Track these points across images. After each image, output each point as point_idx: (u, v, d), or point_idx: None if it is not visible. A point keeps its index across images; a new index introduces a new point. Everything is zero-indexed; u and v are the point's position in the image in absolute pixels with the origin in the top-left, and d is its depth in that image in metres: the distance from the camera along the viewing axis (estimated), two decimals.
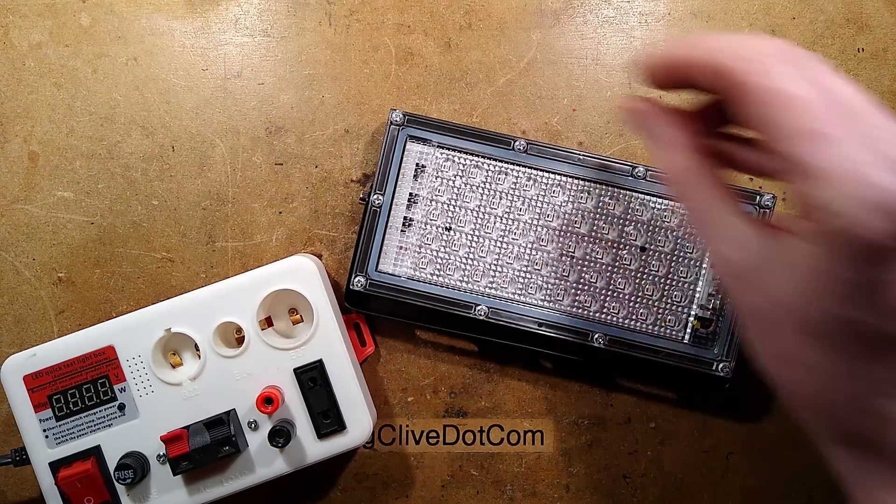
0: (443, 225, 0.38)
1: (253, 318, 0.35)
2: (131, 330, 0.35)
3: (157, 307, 0.36)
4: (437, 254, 0.38)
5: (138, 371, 0.35)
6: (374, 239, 0.37)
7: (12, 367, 0.35)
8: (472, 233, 0.38)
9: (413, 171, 0.38)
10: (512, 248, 0.38)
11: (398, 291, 0.37)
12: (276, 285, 0.35)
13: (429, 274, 0.37)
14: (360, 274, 0.37)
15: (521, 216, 0.38)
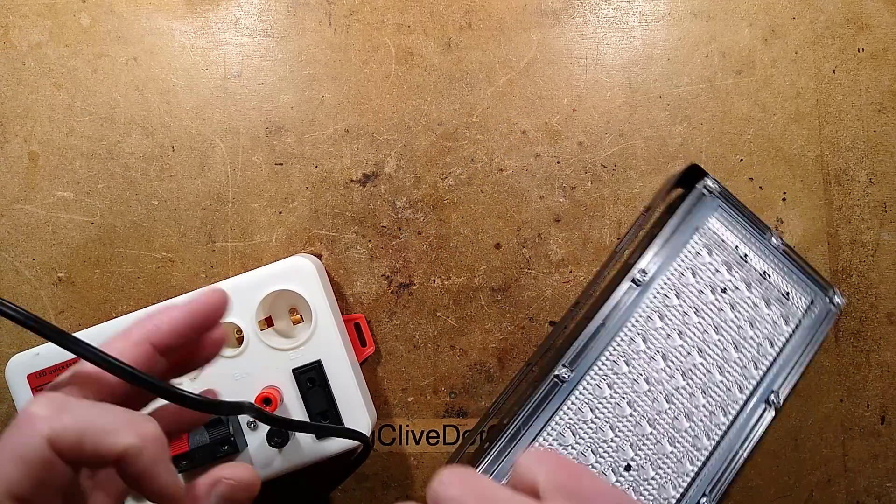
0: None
1: (252, 319, 0.35)
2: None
3: (157, 307, 0.36)
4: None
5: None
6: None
7: (16, 366, 0.35)
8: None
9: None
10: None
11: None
12: (275, 286, 0.35)
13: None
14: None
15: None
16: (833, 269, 0.42)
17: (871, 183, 0.42)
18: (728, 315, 0.38)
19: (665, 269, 0.38)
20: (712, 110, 0.42)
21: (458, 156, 0.41)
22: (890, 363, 0.42)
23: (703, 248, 0.38)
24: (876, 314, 0.42)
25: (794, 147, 0.42)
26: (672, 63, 0.42)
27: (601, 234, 0.42)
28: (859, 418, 0.42)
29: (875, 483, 0.42)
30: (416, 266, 0.41)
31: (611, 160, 0.42)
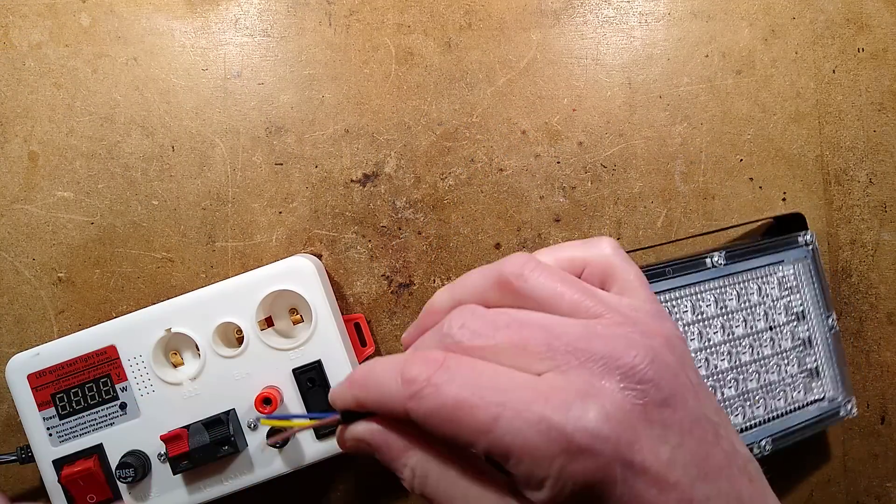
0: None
1: (252, 319, 0.35)
2: (132, 330, 0.35)
3: (157, 307, 0.36)
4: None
5: (139, 371, 0.35)
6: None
7: (17, 366, 0.35)
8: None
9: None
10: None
11: None
12: (275, 286, 0.35)
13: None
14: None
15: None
16: (833, 269, 0.42)
17: (871, 183, 0.42)
18: (766, 351, 0.38)
19: (739, 269, 0.38)
20: (712, 110, 0.42)
21: (458, 156, 0.41)
22: (890, 363, 0.42)
23: (776, 281, 0.39)
24: (876, 314, 0.42)
25: (794, 147, 0.42)
26: (672, 63, 0.42)
27: (601, 233, 0.42)
28: (859, 418, 0.42)
29: (875, 483, 0.42)
30: (416, 266, 0.41)
31: (611, 160, 0.42)
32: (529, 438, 0.18)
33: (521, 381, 0.19)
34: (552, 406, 0.18)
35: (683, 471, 0.18)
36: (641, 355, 0.19)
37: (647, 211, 0.42)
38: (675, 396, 0.19)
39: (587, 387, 0.19)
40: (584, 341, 0.20)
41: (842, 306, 0.42)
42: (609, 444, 0.18)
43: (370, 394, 0.22)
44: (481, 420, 0.19)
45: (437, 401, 0.20)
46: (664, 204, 0.42)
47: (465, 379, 0.20)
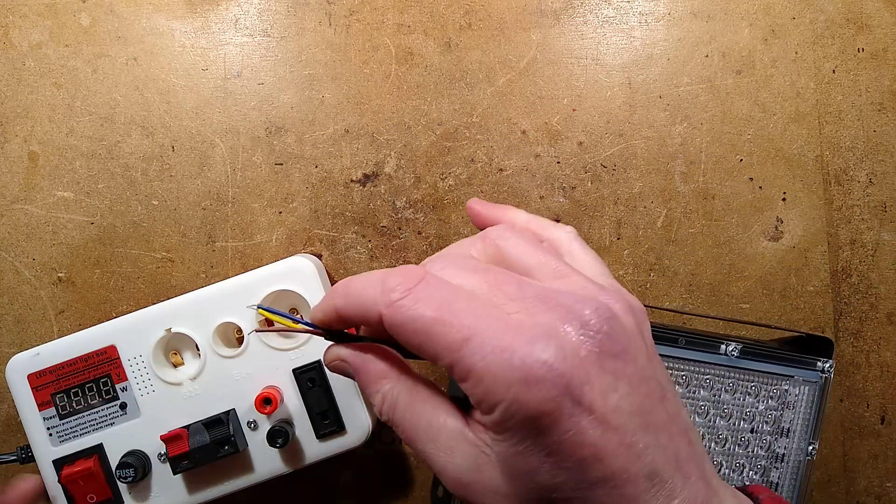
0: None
1: (253, 319, 0.35)
2: (132, 330, 0.35)
3: (157, 307, 0.36)
4: None
5: (139, 370, 0.35)
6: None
7: (17, 366, 0.35)
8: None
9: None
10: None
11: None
12: (275, 286, 0.35)
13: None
14: None
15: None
16: (833, 269, 0.42)
17: (871, 183, 0.42)
18: (737, 449, 0.39)
19: (748, 366, 0.38)
20: (712, 110, 0.42)
21: (458, 156, 0.41)
22: (890, 363, 0.42)
23: (778, 393, 0.39)
24: (876, 314, 0.42)
25: (794, 147, 0.42)
26: (672, 63, 0.42)
27: (601, 234, 0.42)
28: (859, 418, 0.42)
29: (875, 483, 0.42)
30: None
31: (611, 160, 0.42)
32: (492, 363, 0.20)
33: (494, 312, 0.21)
34: (518, 339, 0.20)
35: (628, 418, 0.20)
36: (602, 310, 0.21)
37: (647, 211, 0.42)
38: (627, 352, 0.21)
39: (550, 329, 0.20)
40: (552, 292, 0.22)
41: (842, 306, 0.42)
42: (562, 380, 0.19)
43: (350, 301, 0.23)
44: (452, 338, 0.20)
45: (413, 312, 0.21)
46: (664, 204, 0.42)
47: (443, 298, 0.21)
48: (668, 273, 0.42)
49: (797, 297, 0.42)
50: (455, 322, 0.20)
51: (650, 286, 0.42)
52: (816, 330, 0.42)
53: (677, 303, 0.42)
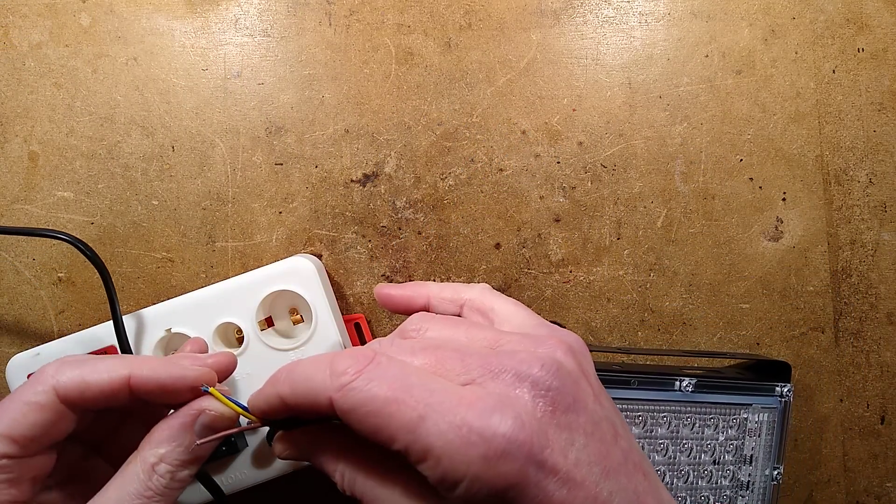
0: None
1: (252, 319, 0.35)
2: (132, 330, 0.35)
3: (157, 307, 0.36)
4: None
5: None
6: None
7: (17, 366, 0.35)
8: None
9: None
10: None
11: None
12: (275, 286, 0.35)
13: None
14: None
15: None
16: (833, 269, 0.42)
17: (871, 183, 0.42)
18: (702, 482, 0.39)
19: (704, 399, 0.38)
20: (712, 110, 0.42)
21: (458, 156, 0.41)
22: (890, 363, 0.42)
23: (737, 422, 0.39)
24: (876, 314, 0.42)
25: (794, 147, 0.42)
26: (672, 63, 0.42)
27: (601, 234, 0.42)
28: (859, 418, 0.42)
29: (875, 483, 0.42)
30: (416, 266, 0.41)
31: (611, 160, 0.42)
32: (451, 441, 0.19)
33: (448, 386, 0.20)
34: (475, 412, 0.19)
35: (588, 470, 0.20)
36: (547, 365, 0.21)
37: (647, 211, 0.42)
38: (577, 401, 0.21)
39: (503, 397, 0.20)
40: (494, 357, 0.21)
41: (842, 306, 0.42)
42: (523, 449, 0.19)
43: (297, 389, 0.22)
44: (408, 417, 0.20)
45: (364, 395, 0.20)
46: (664, 204, 0.42)
47: (395, 377, 0.21)
48: (668, 273, 0.42)
49: (797, 297, 0.42)
50: (409, 400, 0.20)
51: (650, 286, 0.42)
52: (817, 330, 0.42)
53: (677, 303, 0.42)
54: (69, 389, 0.24)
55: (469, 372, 0.21)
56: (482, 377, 0.21)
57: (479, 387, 0.21)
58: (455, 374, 0.21)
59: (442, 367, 0.21)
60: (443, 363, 0.22)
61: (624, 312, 0.42)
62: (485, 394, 0.20)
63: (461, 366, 0.21)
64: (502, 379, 0.20)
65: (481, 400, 0.20)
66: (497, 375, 0.21)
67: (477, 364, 0.21)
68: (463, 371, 0.21)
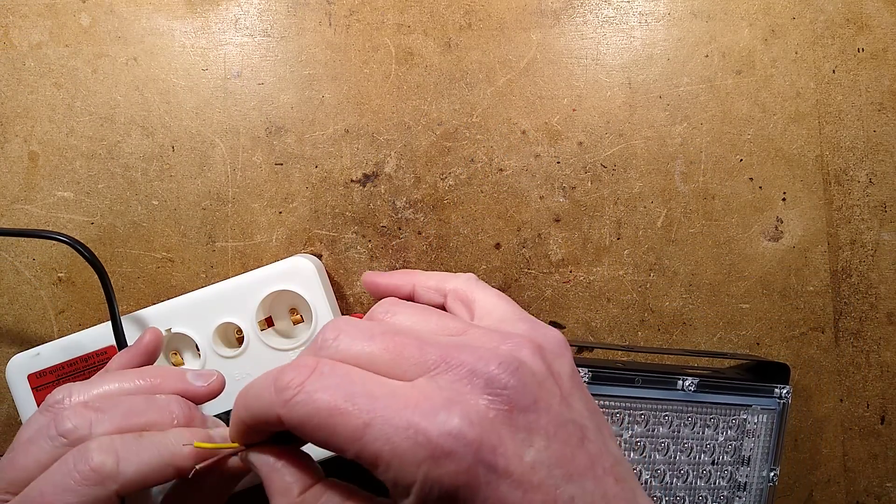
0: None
1: (252, 319, 0.35)
2: (132, 330, 0.35)
3: (157, 307, 0.36)
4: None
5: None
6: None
7: (17, 367, 0.35)
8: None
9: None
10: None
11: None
12: (275, 286, 0.35)
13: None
14: None
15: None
16: (833, 269, 0.42)
17: (871, 183, 0.42)
18: (699, 482, 0.39)
19: (705, 399, 0.38)
20: (712, 110, 0.42)
21: (458, 156, 0.41)
22: (890, 363, 0.42)
23: (737, 423, 0.39)
24: (876, 314, 0.42)
25: (794, 147, 0.42)
26: (672, 63, 0.42)
27: (601, 234, 0.42)
28: (859, 418, 0.42)
29: (875, 483, 0.42)
30: (416, 266, 0.41)
31: (611, 160, 0.42)
32: (398, 444, 0.19)
33: (393, 388, 0.20)
34: (420, 412, 0.19)
35: (548, 472, 0.19)
36: (505, 363, 0.20)
37: (647, 211, 0.42)
38: (538, 402, 0.20)
39: (453, 394, 0.19)
40: (454, 349, 0.21)
41: (842, 306, 0.42)
42: (471, 449, 0.18)
43: (250, 411, 0.22)
44: (353, 426, 0.19)
45: (308, 407, 0.20)
46: (664, 204, 0.42)
47: (338, 385, 0.20)
48: (668, 273, 0.42)
49: (797, 297, 0.42)
50: (352, 408, 0.19)
51: (650, 286, 0.42)
52: (817, 330, 0.42)
53: (677, 303, 0.42)
54: (130, 489, 0.25)
55: (425, 361, 0.20)
56: (437, 369, 0.20)
57: (430, 381, 0.20)
58: (411, 362, 0.21)
59: (399, 354, 0.21)
60: (400, 350, 0.21)
61: (624, 312, 0.42)
62: (433, 392, 0.20)
63: (419, 354, 0.21)
64: (456, 373, 0.20)
65: (428, 399, 0.19)
66: (451, 369, 0.20)
67: (435, 354, 0.21)
68: (420, 360, 0.21)
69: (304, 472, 0.23)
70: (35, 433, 0.25)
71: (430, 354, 0.21)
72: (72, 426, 0.25)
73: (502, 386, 0.20)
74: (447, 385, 0.20)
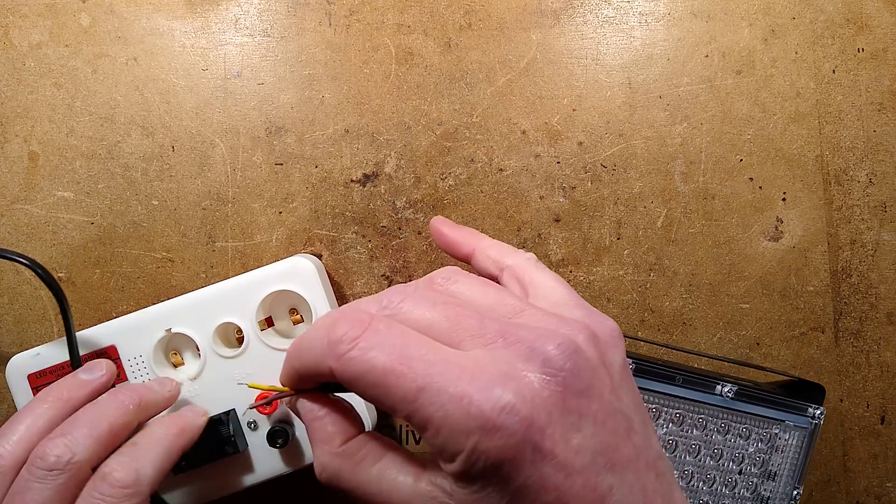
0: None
1: (252, 319, 0.35)
2: (132, 330, 0.35)
3: (157, 307, 0.36)
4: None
5: (140, 370, 0.35)
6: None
7: (17, 367, 0.35)
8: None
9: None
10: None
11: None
12: (275, 286, 0.35)
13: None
14: None
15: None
16: (833, 269, 0.42)
17: (871, 183, 0.42)
18: (724, 489, 0.39)
19: (741, 408, 0.38)
20: (712, 110, 0.42)
21: (458, 156, 0.41)
22: (890, 363, 0.42)
23: (768, 436, 0.39)
24: (876, 314, 0.42)
25: (794, 147, 0.42)
26: (672, 63, 0.42)
27: (601, 234, 0.42)
28: (859, 418, 0.42)
29: (875, 483, 0.42)
30: (416, 266, 0.41)
31: (611, 160, 0.42)
32: (450, 412, 0.19)
33: (449, 355, 0.20)
34: (476, 385, 0.19)
35: (591, 459, 0.19)
36: (564, 346, 0.20)
37: (647, 211, 0.42)
38: (591, 388, 0.20)
39: (510, 369, 0.19)
40: (512, 327, 0.21)
41: (842, 306, 0.42)
42: (522, 426, 0.18)
43: (303, 361, 0.22)
44: (407, 388, 0.19)
45: (363, 364, 0.20)
46: (664, 204, 0.42)
47: (394, 346, 0.20)
48: (668, 273, 0.42)
49: (797, 297, 0.42)
50: (408, 371, 0.19)
51: (650, 286, 0.42)
52: (817, 330, 0.42)
53: (677, 303, 0.42)
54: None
55: (484, 335, 0.20)
56: (494, 343, 0.20)
57: (487, 353, 0.20)
58: (469, 334, 0.21)
59: (458, 325, 0.21)
60: (460, 320, 0.21)
61: (624, 312, 0.42)
62: (490, 364, 0.20)
63: (478, 326, 0.21)
64: (515, 349, 0.20)
65: (485, 371, 0.19)
66: (511, 345, 0.20)
67: (494, 329, 0.21)
68: (478, 332, 0.21)
69: (347, 422, 0.23)
70: (15, 488, 0.26)
71: (490, 328, 0.21)
72: (55, 458, 0.26)
73: (559, 367, 0.20)
74: (504, 359, 0.20)
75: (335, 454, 0.22)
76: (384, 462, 0.22)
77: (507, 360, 0.20)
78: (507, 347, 0.20)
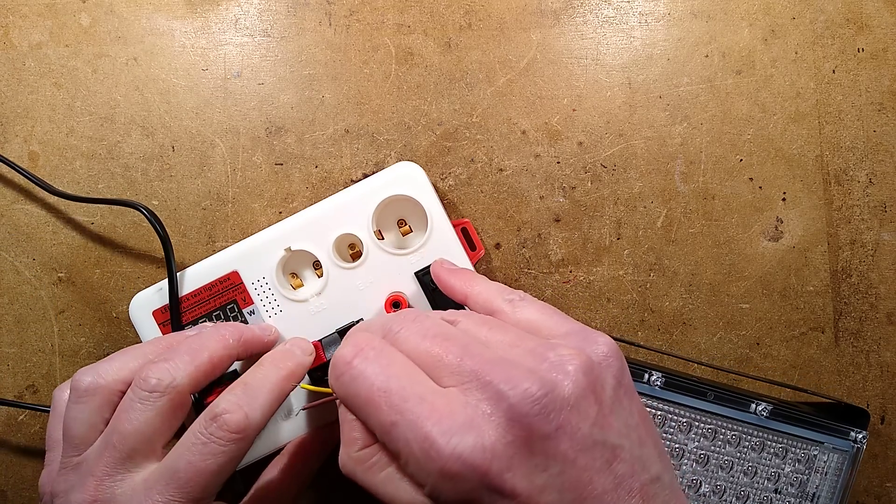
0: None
1: (368, 228, 0.35)
2: (252, 253, 0.35)
3: (272, 229, 0.36)
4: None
5: (264, 293, 0.35)
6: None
7: (141, 304, 0.35)
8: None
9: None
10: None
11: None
12: (389, 191, 0.35)
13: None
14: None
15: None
16: (833, 269, 0.42)
17: (871, 183, 0.42)
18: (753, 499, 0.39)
19: (776, 427, 0.38)
20: (712, 110, 0.42)
21: (458, 156, 0.41)
22: (890, 363, 0.42)
23: (806, 457, 0.38)
24: (876, 314, 0.42)
25: (794, 147, 0.42)
26: (672, 63, 0.42)
27: (601, 234, 0.42)
28: None
29: (875, 483, 0.42)
30: None
31: (611, 160, 0.42)
32: (414, 450, 0.20)
33: (426, 392, 0.21)
34: (439, 428, 0.20)
35: (558, 496, 0.20)
36: (536, 386, 0.21)
37: (647, 211, 0.42)
38: (562, 428, 0.20)
39: (476, 414, 0.20)
40: (490, 365, 0.21)
41: (842, 306, 0.42)
42: (477, 474, 0.19)
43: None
44: (382, 420, 0.21)
45: (349, 390, 0.22)
46: (664, 204, 0.42)
47: (377, 375, 0.22)
48: (668, 273, 0.42)
49: (797, 297, 0.42)
50: (384, 404, 0.21)
51: (650, 286, 0.42)
52: (817, 330, 0.42)
53: (677, 303, 0.42)
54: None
55: (460, 373, 0.22)
56: (469, 383, 0.21)
57: (461, 393, 0.21)
58: (450, 370, 0.22)
59: (440, 360, 0.22)
60: (442, 356, 0.22)
61: (624, 312, 0.42)
62: (459, 407, 0.20)
63: (456, 364, 0.22)
64: (486, 391, 0.21)
65: (452, 415, 0.20)
66: (483, 387, 0.21)
67: (471, 367, 0.21)
68: (455, 370, 0.22)
69: (367, 431, 0.24)
70: (127, 398, 0.27)
71: (468, 366, 0.22)
72: (156, 380, 0.26)
73: (524, 413, 0.20)
74: (474, 402, 0.21)
75: (352, 457, 0.24)
76: (389, 471, 0.23)
77: (476, 402, 0.21)
78: (479, 389, 0.21)
